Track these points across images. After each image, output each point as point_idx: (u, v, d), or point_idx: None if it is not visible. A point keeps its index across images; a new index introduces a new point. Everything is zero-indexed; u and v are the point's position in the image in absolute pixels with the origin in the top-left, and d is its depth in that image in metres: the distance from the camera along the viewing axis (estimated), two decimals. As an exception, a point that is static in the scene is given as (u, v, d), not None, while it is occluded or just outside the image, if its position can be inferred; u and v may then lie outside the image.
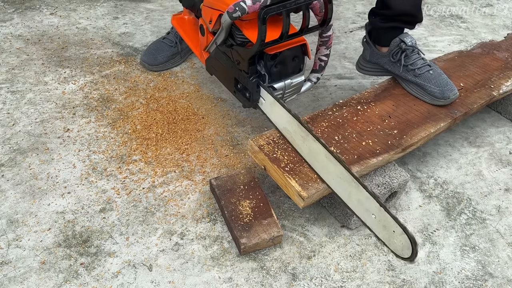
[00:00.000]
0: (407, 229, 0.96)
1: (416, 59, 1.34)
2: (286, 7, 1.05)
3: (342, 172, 1.01)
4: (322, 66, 1.27)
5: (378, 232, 1.04)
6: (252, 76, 1.15)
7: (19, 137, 1.38)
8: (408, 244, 0.97)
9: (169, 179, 1.27)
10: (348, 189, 1.02)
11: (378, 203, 0.98)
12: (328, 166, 1.04)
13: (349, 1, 2.31)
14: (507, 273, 1.10)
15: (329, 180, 1.06)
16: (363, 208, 1.02)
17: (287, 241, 1.13)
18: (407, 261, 1.01)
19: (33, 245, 1.09)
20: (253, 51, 1.10)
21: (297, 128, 1.08)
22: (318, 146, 1.04)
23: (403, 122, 1.26)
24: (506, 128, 1.52)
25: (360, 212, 1.04)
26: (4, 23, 1.93)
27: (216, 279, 1.04)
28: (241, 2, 1.05)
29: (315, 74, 1.29)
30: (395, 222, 0.97)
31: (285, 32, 1.09)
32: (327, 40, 1.24)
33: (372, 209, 1.00)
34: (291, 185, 1.07)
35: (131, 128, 1.43)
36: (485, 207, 1.26)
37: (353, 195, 1.02)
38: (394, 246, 1.02)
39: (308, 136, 1.06)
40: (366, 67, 1.47)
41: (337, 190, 1.06)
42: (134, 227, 1.15)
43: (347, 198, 1.04)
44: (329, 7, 1.13)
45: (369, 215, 1.02)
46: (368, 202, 0.99)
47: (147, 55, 1.68)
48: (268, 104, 1.16)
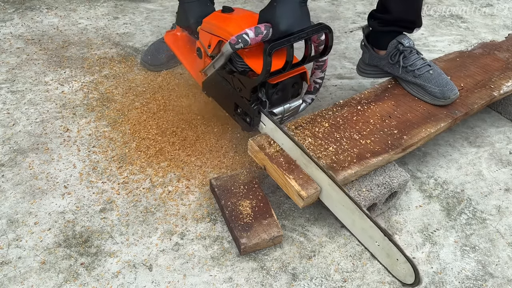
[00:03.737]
0: (411, 258, 0.97)
1: (415, 60, 1.34)
2: (290, 41, 1.07)
3: (345, 201, 1.03)
4: (317, 88, 1.31)
5: (381, 259, 1.06)
6: (254, 103, 1.18)
7: (19, 137, 1.38)
8: (411, 272, 0.98)
9: (169, 179, 1.27)
10: (352, 217, 1.05)
11: (382, 232, 0.99)
12: (332, 194, 1.06)
13: (349, 1, 2.31)
14: (507, 273, 1.09)
15: (333, 206, 1.08)
16: (367, 236, 1.05)
17: (287, 241, 1.13)
18: (410, 287, 1.02)
19: (33, 245, 1.09)
20: (258, 82, 1.12)
21: (300, 155, 1.10)
22: (321, 174, 1.06)
23: (403, 122, 1.26)
24: (506, 128, 1.52)
25: (364, 239, 1.07)
26: (4, 23, 1.93)
27: (216, 279, 1.04)
28: (243, 34, 1.07)
29: (310, 95, 1.32)
30: (398, 251, 0.98)
31: (289, 62, 1.11)
32: (322, 64, 1.27)
33: (375, 237, 1.02)
34: (290, 185, 1.07)
35: (131, 128, 1.43)
36: (485, 207, 1.26)
37: (357, 223, 1.05)
38: (397, 272, 1.04)
39: (311, 164, 1.07)
40: (367, 70, 1.47)
41: (341, 216, 1.08)
42: (134, 227, 1.14)
43: (351, 226, 1.07)
44: (330, 36, 1.16)
45: (372, 243, 1.04)
46: (372, 231, 1.02)
47: (148, 55, 1.68)
48: (268, 129, 1.18)
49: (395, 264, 1.02)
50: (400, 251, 0.98)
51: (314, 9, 2.22)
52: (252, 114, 1.19)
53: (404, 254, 0.98)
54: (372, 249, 1.06)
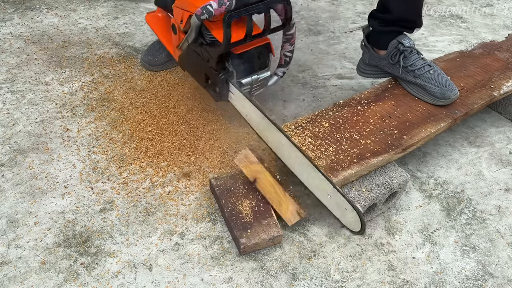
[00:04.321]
0: (355, 205, 1.06)
1: (416, 60, 1.34)
2: (248, 11, 1.15)
3: (301, 158, 1.09)
4: (287, 61, 1.38)
5: (333, 211, 1.12)
6: (221, 72, 1.25)
7: (19, 137, 1.38)
8: (358, 220, 1.08)
9: (169, 179, 1.27)
10: (307, 173, 1.10)
11: (332, 185, 1.05)
12: (290, 153, 1.12)
13: (349, 1, 2.31)
14: (507, 273, 1.09)
15: (293, 166, 1.14)
16: (321, 190, 1.10)
17: (287, 241, 1.13)
18: (359, 234, 1.14)
19: (33, 245, 1.09)
20: (220, 51, 1.20)
21: (262, 120, 1.18)
22: (280, 135, 1.13)
23: (403, 122, 1.26)
24: (506, 128, 1.52)
25: (318, 193, 1.11)
26: (4, 23, 1.93)
27: (216, 279, 1.04)
28: (208, 5, 1.15)
29: (281, 68, 1.40)
30: (345, 201, 1.06)
31: (249, 34, 1.19)
32: (290, 37, 1.34)
33: (328, 190, 1.07)
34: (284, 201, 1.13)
35: (131, 128, 1.43)
36: (485, 207, 1.26)
37: (311, 178, 1.10)
38: (347, 221, 1.12)
39: (270, 126, 1.15)
40: (367, 70, 1.47)
41: (300, 175, 1.13)
42: (134, 227, 1.14)
43: (307, 181, 1.12)
44: (288, 8, 1.24)
45: (326, 196, 1.09)
46: (324, 185, 1.07)
47: (147, 55, 1.68)
48: (236, 98, 1.26)
49: (344, 214, 1.10)
50: (347, 201, 1.05)
51: (314, 9, 2.22)
52: (219, 84, 1.26)
53: (351, 203, 1.05)
54: (326, 202, 1.11)
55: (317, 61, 1.81)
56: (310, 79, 1.71)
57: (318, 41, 1.95)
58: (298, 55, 1.84)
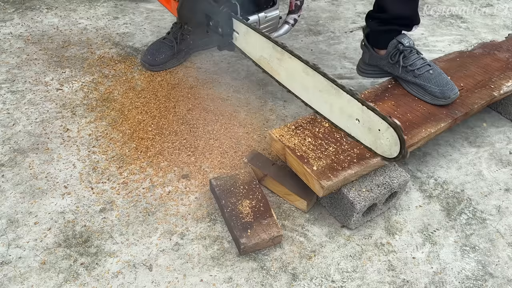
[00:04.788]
0: (391, 120, 0.92)
1: (415, 60, 1.34)
2: None
3: (321, 82, 0.98)
4: (298, 6, 1.28)
5: (364, 139, 1.01)
6: (223, 6, 1.13)
7: (19, 137, 1.38)
8: (396, 138, 0.93)
9: (169, 179, 1.27)
10: (329, 100, 1.00)
11: (359, 102, 0.95)
12: (307, 81, 1.02)
13: (349, 1, 2.31)
14: (507, 273, 1.09)
15: (310, 99, 1.05)
16: (346, 116, 0.99)
17: (287, 241, 1.13)
18: (399, 159, 0.97)
19: (33, 245, 1.09)
20: None
21: (272, 50, 1.06)
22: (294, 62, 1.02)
23: (403, 122, 1.26)
24: (506, 128, 1.52)
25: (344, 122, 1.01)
26: (4, 23, 1.93)
27: (216, 279, 1.04)
28: None
29: (292, 15, 1.29)
30: (378, 118, 0.94)
31: None
32: None
33: (355, 113, 0.96)
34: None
35: (131, 128, 1.43)
36: (485, 207, 1.26)
37: (334, 105, 1.00)
38: (382, 148, 0.99)
39: (284, 55, 1.04)
40: (367, 70, 1.47)
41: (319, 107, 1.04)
42: (134, 227, 1.14)
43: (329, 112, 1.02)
44: None
45: (353, 123, 0.99)
46: (350, 106, 0.97)
47: (147, 55, 1.68)
48: (242, 36, 1.13)
49: (378, 138, 0.98)
50: (380, 116, 0.94)
51: (314, 9, 2.22)
52: (222, 20, 1.13)
53: (385, 118, 0.93)
54: (354, 131, 1.00)
55: (317, 61, 1.81)
56: (310, 79, 1.70)
57: (318, 41, 1.95)
58: (298, 55, 1.83)
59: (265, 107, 1.55)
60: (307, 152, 1.15)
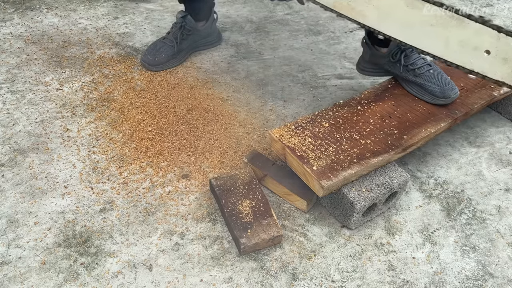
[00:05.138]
0: None
1: (416, 59, 1.34)
2: None
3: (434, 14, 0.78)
4: None
5: (494, 73, 0.80)
6: None
7: (19, 137, 1.38)
8: None
9: (169, 179, 1.27)
10: (445, 34, 0.79)
11: (494, 29, 0.74)
12: (411, 16, 0.81)
13: (349, 1, 2.30)
14: (507, 273, 1.09)
15: (414, 37, 0.84)
16: (470, 49, 0.78)
17: (287, 241, 1.13)
18: None
19: (33, 245, 1.09)
20: None
21: None
22: None
23: (403, 122, 1.26)
24: (506, 128, 1.52)
25: (466, 57, 0.80)
26: (4, 23, 1.93)
27: (216, 279, 1.04)
28: None
29: None
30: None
31: None
32: None
33: (484, 43, 0.76)
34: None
35: (131, 128, 1.43)
36: (485, 207, 1.26)
37: (452, 39, 0.78)
38: None
39: None
40: (367, 68, 1.47)
41: (428, 46, 0.83)
42: (134, 227, 1.14)
43: (444, 49, 0.81)
44: None
45: (479, 57, 0.78)
46: (478, 36, 0.76)
47: (147, 55, 1.68)
48: None
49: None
50: None
51: (314, 9, 2.22)
52: None
53: None
54: (481, 66, 0.79)
55: (317, 61, 1.81)
56: (310, 79, 1.71)
57: (318, 41, 1.95)
58: (298, 55, 1.84)
59: (265, 107, 1.55)
60: (307, 152, 1.15)
